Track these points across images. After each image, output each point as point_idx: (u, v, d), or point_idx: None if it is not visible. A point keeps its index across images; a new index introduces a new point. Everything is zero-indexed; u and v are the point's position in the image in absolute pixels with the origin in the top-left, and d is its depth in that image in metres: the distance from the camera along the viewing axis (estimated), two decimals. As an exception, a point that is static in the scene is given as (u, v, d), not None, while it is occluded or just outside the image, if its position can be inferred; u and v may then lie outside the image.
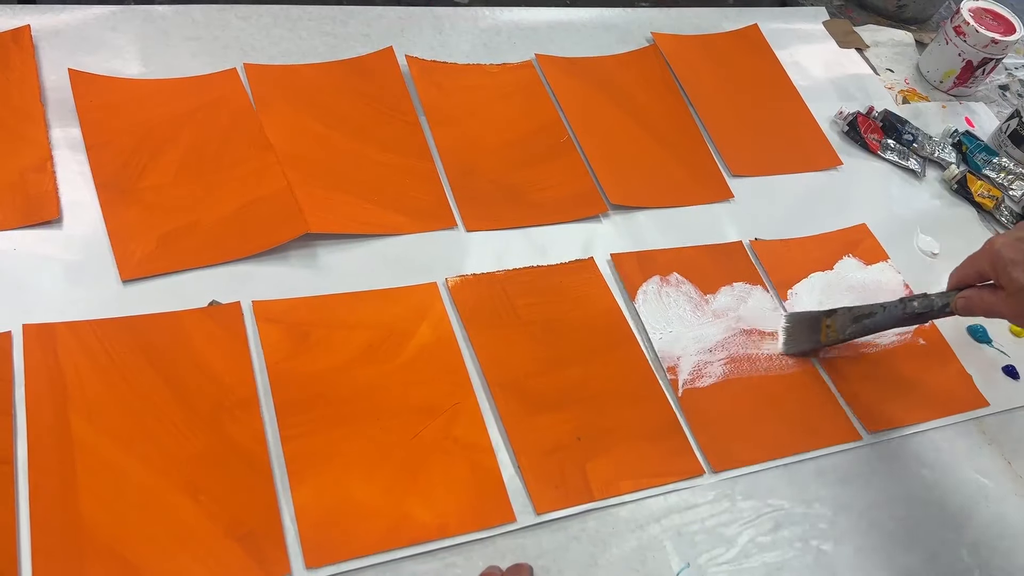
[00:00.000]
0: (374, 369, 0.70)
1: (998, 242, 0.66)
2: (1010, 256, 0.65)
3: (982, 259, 0.68)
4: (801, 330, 0.81)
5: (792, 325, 0.81)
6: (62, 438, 0.60)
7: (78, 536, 0.57)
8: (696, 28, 1.10)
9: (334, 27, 0.94)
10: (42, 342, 0.64)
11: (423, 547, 0.62)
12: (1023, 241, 0.65)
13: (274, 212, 0.76)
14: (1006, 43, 1.09)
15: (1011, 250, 0.65)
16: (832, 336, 0.79)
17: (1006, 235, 0.67)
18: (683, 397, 0.75)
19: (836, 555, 0.70)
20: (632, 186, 0.90)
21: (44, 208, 0.71)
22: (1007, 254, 0.65)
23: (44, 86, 0.78)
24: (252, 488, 0.62)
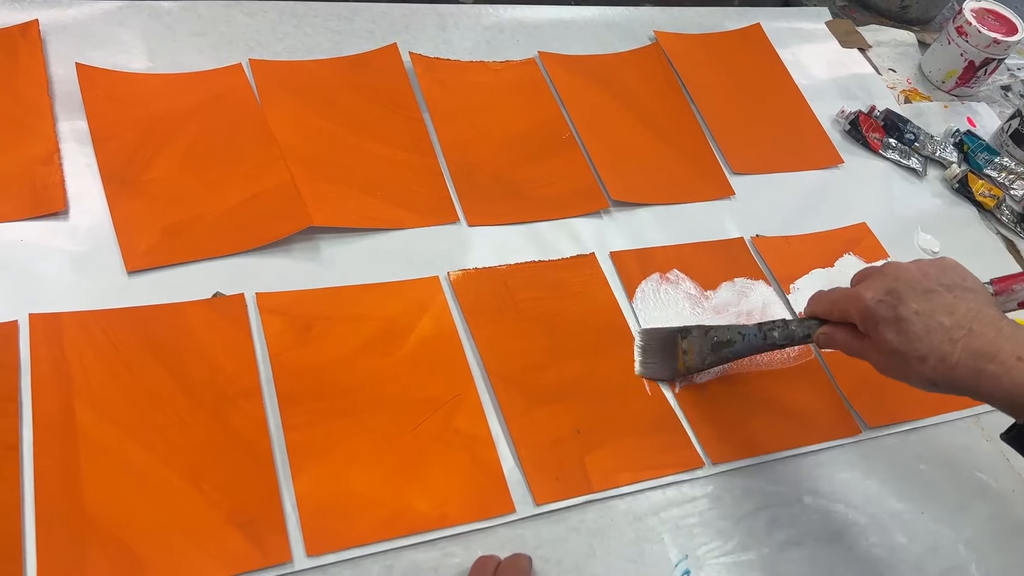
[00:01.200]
0: (376, 361, 0.70)
1: (867, 296, 0.61)
2: (882, 315, 0.60)
3: (849, 307, 0.63)
4: (656, 351, 0.76)
5: (647, 344, 0.77)
6: (67, 426, 0.61)
7: (81, 522, 0.58)
8: (699, 27, 1.11)
9: (339, 23, 0.95)
10: (48, 331, 0.65)
11: (423, 536, 0.63)
12: (894, 296, 0.60)
13: (278, 205, 0.76)
14: (1008, 43, 1.09)
15: (884, 308, 0.60)
16: (691, 364, 0.74)
17: (874, 286, 0.61)
18: (681, 391, 0.75)
19: (833, 548, 0.70)
20: (633, 182, 0.90)
21: (51, 200, 0.72)
22: (880, 312, 0.60)
23: (51, 79, 0.79)
24: (254, 476, 0.62)
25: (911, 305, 0.59)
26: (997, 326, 0.57)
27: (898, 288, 0.60)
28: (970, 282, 0.61)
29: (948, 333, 0.57)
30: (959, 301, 0.59)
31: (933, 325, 0.58)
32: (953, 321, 0.58)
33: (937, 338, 0.58)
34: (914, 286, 0.60)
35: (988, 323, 0.57)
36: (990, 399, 0.57)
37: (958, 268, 0.62)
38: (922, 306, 0.59)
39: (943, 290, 0.59)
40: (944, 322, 0.58)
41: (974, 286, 0.61)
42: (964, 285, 0.60)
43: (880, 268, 0.63)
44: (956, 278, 0.61)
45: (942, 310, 0.58)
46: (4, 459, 0.59)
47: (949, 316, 0.58)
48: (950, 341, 0.57)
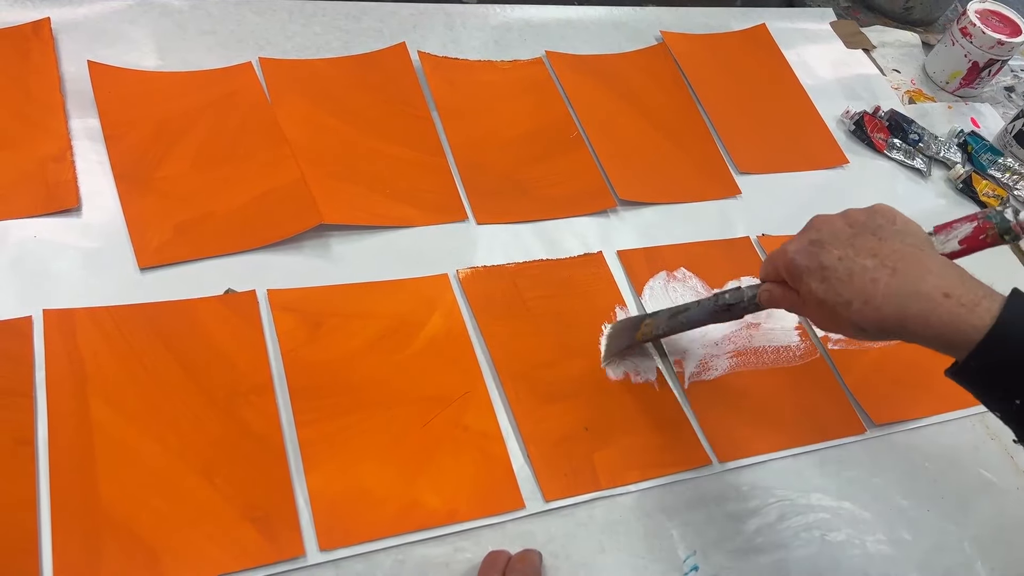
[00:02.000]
0: (386, 358, 0.71)
1: (791, 248, 0.59)
2: (803, 263, 0.58)
3: (777, 262, 0.61)
4: (620, 334, 0.76)
5: (613, 331, 0.77)
6: (81, 420, 0.62)
7: (96, 516, 0.58)
8: (704, 27, 1.11)
9: (348, 23, 0.95)
10: (62, 327, 0.65)
11: (434, 532, 0.63)
12: (816, 245, 0.58)
13: (288, 203, 0.77)
14: (1012, 45, 1.10)
15: (804, 257, 0.58)
16: (647, 333, 0.74)
17: (797, 239, 0.60)
18: (689, 389, 0.76)
19: (840, 545, 0.71)
20: (640, 182, 0.91)
21: (64, 196, 0.72)
22: (800, 261, 0.58)
23: (63, 77, 0.80)
24: (267, 472, 0.63)
25: (833, 252, 0.56)
26: (924, 263, 0.54)
27: (821, 238, 0.58)
28: (900, 224, 0.58)
29: (870, 273, 0.55)
30: (883, 242, 0.56)
31: (855, 268, 0.55)
32: (876, 262, 0.55)
33: (860, 280, 0.55)
34: (837, 234, 0.57)
35: (913, 261, 0.55)
36: (920, 339, 0.54)
37: (888, 211, 0.59)
38: (844, 251, 0.56)
39: (868, 233, 0.57)
40: (867, 264, 0.55)
41: (904, 227, 0.58)
42: (892, 227, 0.57)
43: (809, 223, 0.61)
44: (883, 221, 0.58)
45: (865, 252, 0.56)
46: (19, 454, 0.59)
47: (872, 258, 0.55)
48: (872, 282, 0.54)
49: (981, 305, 0.52)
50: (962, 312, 0.52)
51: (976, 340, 0.51)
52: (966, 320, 0.52)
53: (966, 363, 0.52)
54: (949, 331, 0.52)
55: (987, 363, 0.52)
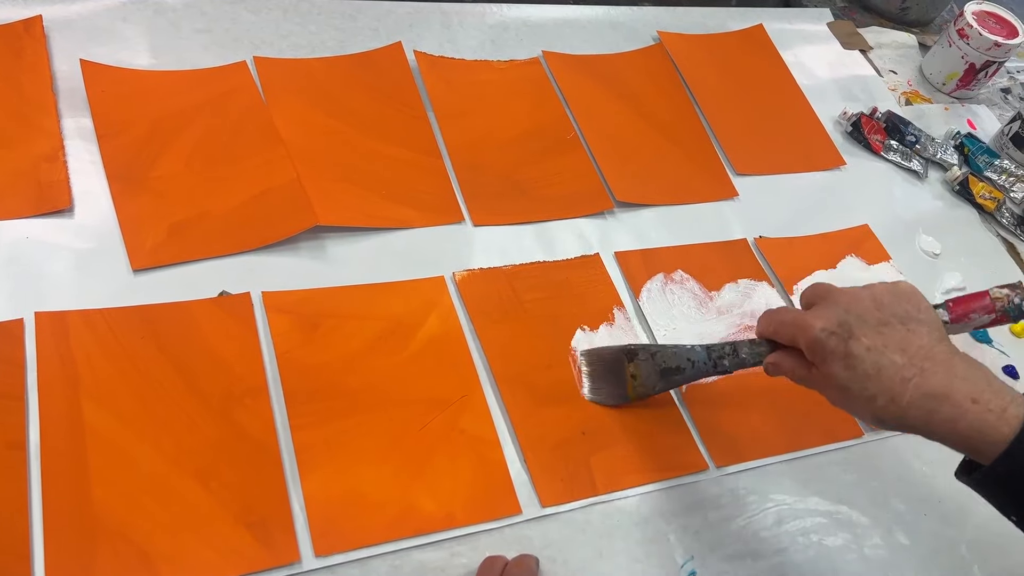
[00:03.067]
0: (382, 360, 0.70)
1: (817, 327, 0.57)
2: (831, 348, 0.56)
3: (798, 335, 0.59)
4: (604, 375, 0.73)
5: (593, 369, 0.74)
6: (74, 424, 0.61)
7: (89, 521, 0.58)
8: (702, 27, 1.11)
9: (343, 22, 0.94)
10: (54, 329, 0.65)
11: (430, 537, 0.63)
12: (844, 328, 0.56)
13: (284, 204, 0.76)
14: (1009, 46, 1.10)
15: (834, 341, 0.56)
16: (640, 391, 0.72)
17: (824, 315, 0.57)
18: (686, 394, 0.76)
19: (837, 550, 0.71)
20: (638, 183, 0.90)
21: (56, 197, 0.71)
22: (830, 346, 0.56)
23: (56, 76, 0.79)
24: (262, 476, 0.62)
25: (862, 340, 0.56)
26: (950, 365, 0.55)
27: (849, 320, 0.56)
28: (924, 313, 0.58)
29: (900, 372, 0.54)
30: (912, 335, 0.56)
31: (884, 363, 0.55)
32: (905, 359, 0.55)
33: (888, 377, 0.55)
34: (866, 318, 0.56)
35: (941, 361, 0.55)
36: (943, 440, 0.55)
37: (913, 296, 0.59)
38: (874, 341, 0.56)
39: (896, 322, 0.56)
40: (896, 360, 0.55)
41: (927, 317, 0.57)
42: (918, 317, 0.57)
43: (832, 294, 0.59)
44: (910, 308, 0.57)
45: (894, 346, 0.55)
46: (11, 458, 0.59)
47: (901, 353, 0.55)
48: (902, 381, 0.54)
49: (1008, 411, 0.52)
50: (990, 418, 0.52)
51: (1003, 447, 0.52)
52: (994, 427, 0.52)
53: (992, 469, 0.53)
54: (976, 437, 0.53)
55: (1014, 469, 0.52)
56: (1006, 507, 0.54)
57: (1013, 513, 0.54)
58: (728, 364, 0.67)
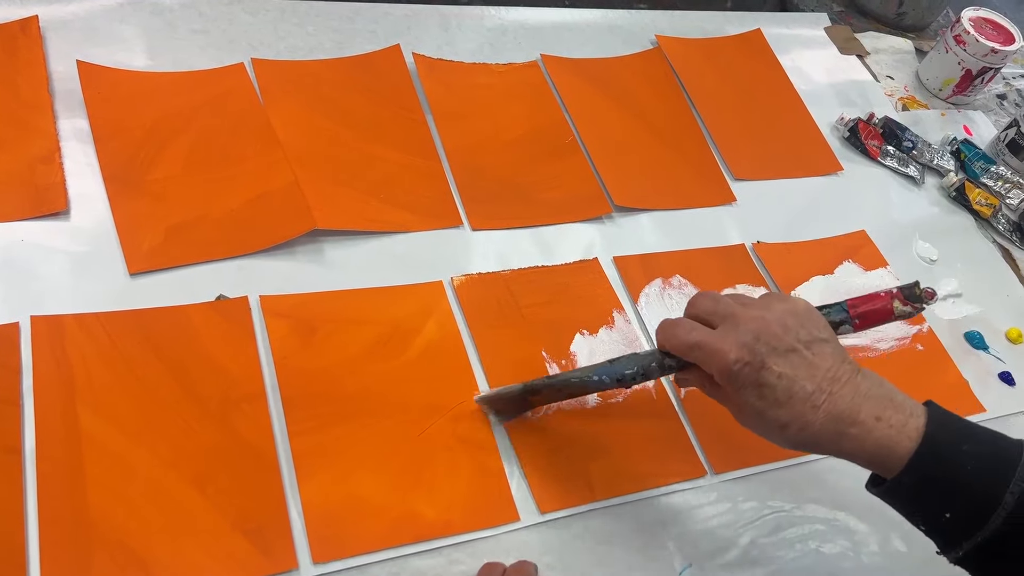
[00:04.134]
0: (381, 365, 0.70)
1: (730, 357, 0.56)
2: (745, 377, 0.56)
3: (709, 362, 0.57)
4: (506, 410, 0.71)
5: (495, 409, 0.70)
6: (70, 429, 0.60)
7: (85, 526, 0.57)
8: (699, 32, 1.11)
9: (341, 23, 0.94)
10: (50, 334, 0.64)
11: (428, 544, 0.63)
12: (755, 357, 0.56)
13: (282, 207, 0.76)
14: (1005, 53, 1.10)
15: (747, 372, 0.56)
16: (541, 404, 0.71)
17: (732, 341, 0.56)
18: (685, 399, 0.76)
19: (835, 557, 0.71)
20: (636, 188, 0.90)
21: (52, 199, 0.71)
22: (742, 376, 0.56)
23: (52, 77, 0.78)
24: (260, 482, 0.62)
25: (773, 369, 0.56)
26: (855, 384, 0.56)
27: (759, 348, 0.56)
28: (824, 331, 0.58)
29: (810, 399, 0.55)
30: (818, 359, 0.57)
31: (795, 390, 0.55)
32: (814, 385, 0.56)
33: (799, 404, 0.55)
34: (775, 345, 0.56)
35: (846, 382, 0.56)
36: (851, 459, 0.57)
37: (812, 316, 0.59)
38: (783, 369, 0.56)
39: (802, 347, 0.57)
40: (807, 387, 0.55)
41: (828, 335, 0.58)
42: (820, 337, 0.58)
43: (736, 316, 0.58)
44: (813, 330, 0.58)
45: (804, 373, 0.56)
46: (7, 463, 0.58)
47: (811, 379, 0.56)
48: (812, 408, 0.55)
49: (909, 424, 0.55)
50: (892, 434, 0.55)
51: (906, 460, 0.54)
52: (896, 441, 0.55)
53: (897, 480, 0.55)
54: (882, 453, 0.55)
55: (917, 479, 0.54)
56: (913, 516, 0.57)
57: (920, 522, 0.56)
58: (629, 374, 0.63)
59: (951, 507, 0.54)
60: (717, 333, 0.58)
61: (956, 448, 0.54)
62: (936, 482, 0.54)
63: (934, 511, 0.54)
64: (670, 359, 0.61)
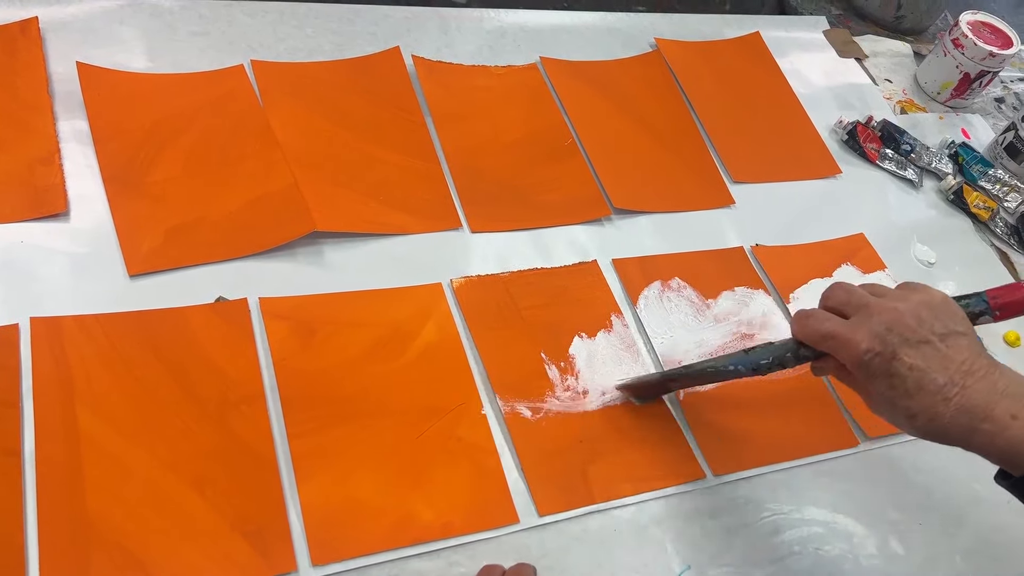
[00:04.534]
0: (380, 367, 0.70)
1: (862, 347, 0.57)
2: (875, 367, 0.57)
3: (840, 351, 0.59)
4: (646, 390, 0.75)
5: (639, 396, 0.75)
6: (69, 431, 0.60)
7: (84, 528, 0.57)
8: (698, 34, 1.11)
9: (340, 25, 0.94)
10: (49, 335, 0.64)
11: (428, 546, 0.63)
12: (887, 346, 0.56)
13: (281, 209, 0.76)
14: (1003, 56, 1.10)
15: (878, 362, 0.56)
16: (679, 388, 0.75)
17: (865, 332, 0.57)
18: (684, 401, 0.76)
19: (833, 559, 0.71)
20: (635, 190, 0.90)
21: (51, 201, 0.71)
22: (873, 366, 0.57)
23: (51, 78, 0.78)
24: (259, 484, 0.62)
25: (904, 360, 0.56)
26: (991, 380, 0.56)
27: (891, 339, 0.56)
28: (961, 324, 0.58)
29: (941, 391, 0.55)
30: (952, 351, 0.56)
31: (926, 382, 0.55)
32: (947, 378, 0.55)
33: (930, 396, 0.55)
34: (907, 336, 0.56)
35: (982, 377, 0.56)
36: (981, 453, 0.56)
37: (949, 308, 0.59)
38: (915, 360, 0.56)
39: (936, 340, 0.56)
40: (938, 379, 0.55)
41: (965, 329, 0.58)
42: (956, 330, 0.57)
43: (870, 307, 0.58)
44: (949, 323, 0.58)
45: (936, 365, 0.56)
46: (6, 464, 0.58)
47: (943, 372, 0.56)
48: (944, 401, 0.55)
49: None
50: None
51: None
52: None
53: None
54: (1013, 451, 0.54)
55: None
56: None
57: None
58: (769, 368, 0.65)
59: None
60: (850, 323, 0.59)
61: None
62: None
63: None
64: (805, 349, 0.62)
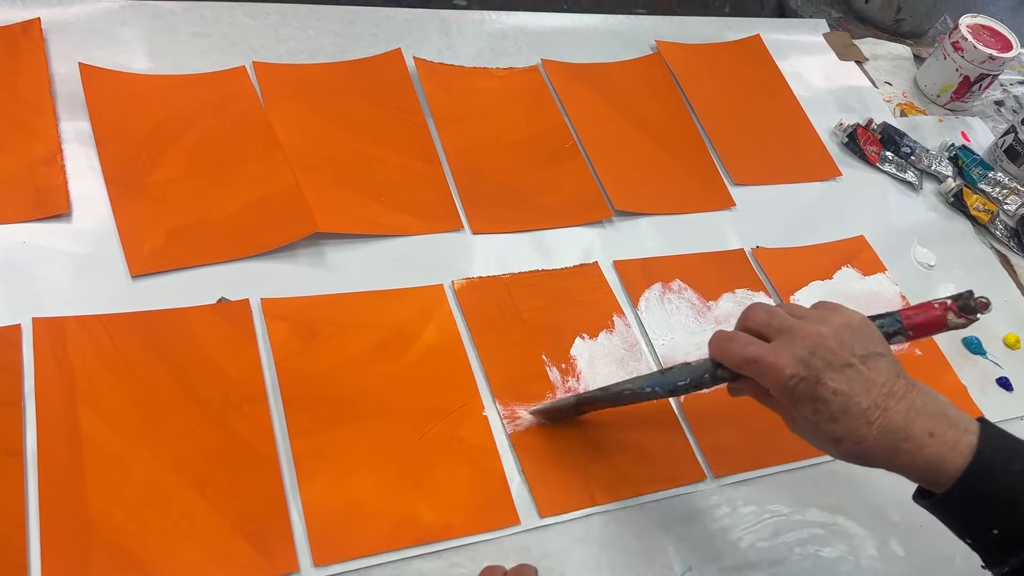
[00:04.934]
0: (381, 368, 0.70)
1: (786, 373, 0.56)
2: (799, 394, 0.56)
3: (764, 375, 0.57)
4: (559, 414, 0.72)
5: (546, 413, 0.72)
6: (71, 431, 0.61)
7: (86, 529, 0.57)
8: (699, 37, 1.11)
9: (342, 27, 0.94)
10: (51, 335, 0.64)
11: (429, 547, 0.63)
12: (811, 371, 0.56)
13: (283, 210, 0.76)
14: (1003, 59, 1.10)
15: (802, 387, 0.56)
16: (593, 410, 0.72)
17: (788, 356, 0.56)
18: (685, 403, 0.76)
19: (833, 561, 0.71)
20: (636, 192, 0.91)
21: (54, 201, 0.71)
22: (797, 392, 0.56)
23: (54, 79, 0.78)
24: (260, 484, 0.62)
25: (829, 384, 0.56)
26: (909, 399, 0.56)
27: (815, 363, 0.56)
28: (880, 346, 0.58)
29: (865, 415, 0.55)
30: (874, 373, 0.56)
31: (850, 405, 0.55)
32: (870, 401, 0.55)
33: (854, 419, 0.55)
34: (831, 360, 0.56)
35: (901, 397, 0.56)
36: (903, 472, 0.57)
37: (868, 329, 0.59)
38: (839, 385, 0.56)
39: (858, 362, 0.56)
40: (862, 403, 0.55)
41: (884, 350, 0.58)
42: (876, 351, 0.58)
43: (793, 331, 0.58)
44: (869, 344, 0.58)
45: (860, 388, 0.56)
46: (8, 465, 0.58)
47: (866, 395, 0.56)
48: (867, 424, 0.55)
49: (961, 441, 0.55)
50: (944, 451, 0.55)
51: (957, 477, 0.54)
52: (948, 458, 0.54)
53: (948, 495, 0.55)
54: (933, 469, 0.55)
55: (966, 496, 0.54)
56: (960, 530, 0.57)
57: (967, 536, 0.56)
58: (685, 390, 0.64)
59: (999, 523, 0.54)
60: (773, 347, 0.58)
61: (1006, 467, 0.54)
62: (985, 499, 0.54)
63: (982, 527, 0.55)
64: (723, 370, 0.61)
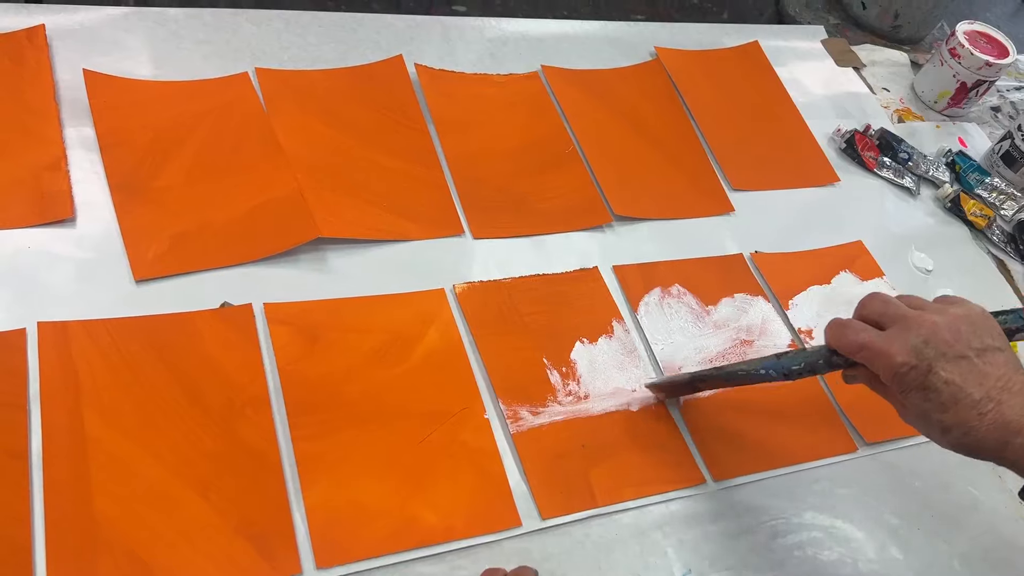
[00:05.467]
0: (383, 372, 0.71)
1: (897, 360, 0.57)
2: (910, 381, 0.57)
3: (876, 362, 0.58)
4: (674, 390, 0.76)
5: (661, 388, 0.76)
6: (76, 435, 0.61)
7: (91, 532, 0.58)
8: (697, 43, 1.12)
9: (344, 34, 0.95)
10: (56, 340, 0.65)
11: (431, 549, 0.63)
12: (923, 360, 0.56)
13: (285, 215, 0.77)
14: (1000, 66, 1.11)
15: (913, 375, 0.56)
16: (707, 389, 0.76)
17: (902, 345, 0.57)
18: (684, 407, 0.76)
19: (832, 564, 0.71)
20: (636, 197, 0.91)
21: (58, 207, 0.71)
22: (909, 379, 0.57)
23: (58, 85, 0.79)
24: (263, 487, 0.62)
25: (940, 374, 0.56)
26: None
27: (927, 353, 0.56)
28: (998, 340, 0.58)
29: (976, 407, 0.55)
30: (989, 367, 0.56)
31: (961, 397, 0.55)
32: (983, 393, 0.55)
33: (965, 411, 0.55)
34: (944, 351, 0.56)
35: (1017, 391, 0.56)
36: (1013, 468, 0.56)
37: (986, 322, 0.59)
38: (951, 375, 0.56)
39: (973, 355, 0.56)
40: (973, 394, 0.55)
41: (1002, 344, 0.58)
42: (994, 345, 0.57)
43: (907, 320, 0.58)
44: (986, 337, 0.58)
45: (972, 380, 0.56)
46: (13, 468, 0.59)
47: (979, 387, 0.56)
48: (978, 416, 0.55)
49: None
50: None
51: None
52: None
53: None
54: None
55: None
56: None
57: None
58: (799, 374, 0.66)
59: None
60: (885, 335, 0.58)
61: None
62: None
63: None
64: (837, 357, 0.62)
